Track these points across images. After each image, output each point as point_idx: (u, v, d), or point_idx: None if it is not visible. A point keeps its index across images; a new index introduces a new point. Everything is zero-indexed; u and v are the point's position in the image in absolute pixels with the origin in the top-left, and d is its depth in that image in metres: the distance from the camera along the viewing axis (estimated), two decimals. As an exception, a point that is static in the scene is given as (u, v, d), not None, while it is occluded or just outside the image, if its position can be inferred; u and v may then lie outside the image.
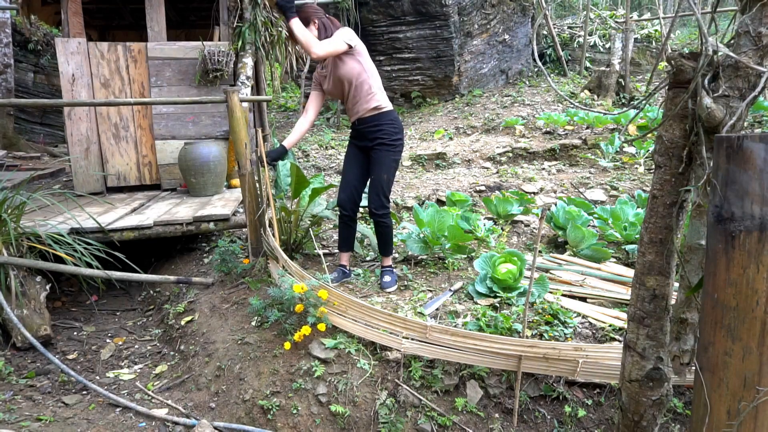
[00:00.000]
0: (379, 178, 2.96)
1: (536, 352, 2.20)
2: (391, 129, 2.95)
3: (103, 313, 3.78)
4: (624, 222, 3.69)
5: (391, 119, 2.97)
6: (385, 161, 2.95)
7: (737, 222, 1.12)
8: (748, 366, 1.14)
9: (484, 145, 6.89)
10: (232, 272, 3.54)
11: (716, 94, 1.33)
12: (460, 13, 9.07)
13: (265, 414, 2.38)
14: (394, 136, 2.96)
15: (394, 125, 2.97)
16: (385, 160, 2.95)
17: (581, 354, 2.18)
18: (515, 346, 2.22)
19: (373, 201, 2.98)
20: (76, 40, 4.86)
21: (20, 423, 2.37)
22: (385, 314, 2.42)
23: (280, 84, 13.74)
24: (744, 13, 1.32)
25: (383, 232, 3.09)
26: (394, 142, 2.97)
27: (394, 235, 3.89)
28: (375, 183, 2.97)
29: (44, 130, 9.72)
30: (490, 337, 2.25)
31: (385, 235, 3.10)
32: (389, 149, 2.95)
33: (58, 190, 4.03)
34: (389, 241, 3.14)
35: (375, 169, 2.97)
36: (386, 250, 3.15)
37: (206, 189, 4.79)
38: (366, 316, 2.48)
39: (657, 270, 1.54)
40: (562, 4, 15.20)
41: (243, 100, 3.96)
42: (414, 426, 2.28)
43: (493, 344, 2.23)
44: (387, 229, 3.09)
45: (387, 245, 3.14)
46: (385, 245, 3.14)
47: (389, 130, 2.95)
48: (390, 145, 2.95)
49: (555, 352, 2.18)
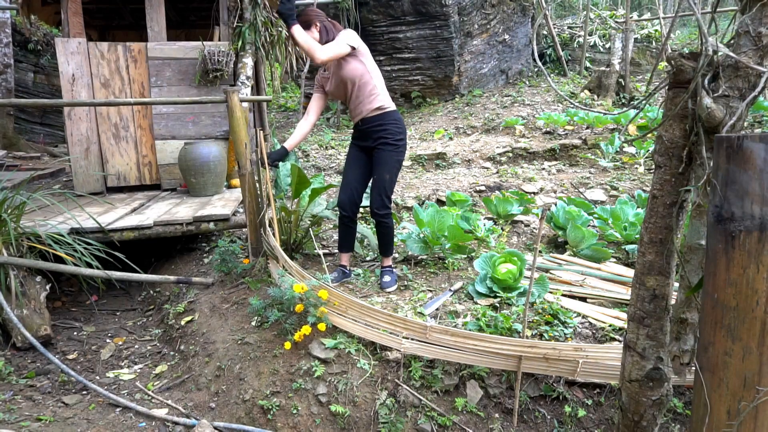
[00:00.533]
0: (382, 177, 2.94)
1: (536, 352, 2.20)
2: (395, 129, 2.95)
3: (103, 313, 3.78)
4: (624, 222, 3.69)
5: (395, 119, 2.96)
6: (388, 161, 2.94)
7: (737, 222, 1.12)
8: (748, 366, 1.14)
9: (484, 145, 6.89)
10: (232, 272, 3.54)
11: (716, 94, 1.33)
12: (460, 13, 9.07)
13: (265, 414, 2.38)
14: (398, 136, 2.95)
15: (397, 125, 2.96)
16: (388, 159, 2.94)
17: (581, 354, 2.18)
18: (515, 347, 2.22)
19: (374, 201, 2.97)
20: (76, 40, 4.86)
21: (20, 423, 2.37)
22: (385, 314, 2.42)
23: (280, 84, 13.75)
24: (744, 13, 1.31)
25: (384, 232, 3.08)
26: (398, 142, 2.96)
27: (394, 235, 3.90)
28: (377, 183, 2.96)
29: (44, 130, 9.73)
30: (490, 337, 2.25)
31: (385, 235, 3.10)
32: (392, 149, 2.95)
33: (58, 190, 4.03)
34: (390, 242, 3.13)
35: (377, 169, 2.96)
36: (387, 250, 3.14)
37: (206, 189, 4.79)
38: (366, 316, 2.48)
39: (657, 270, 1.54)
40: (562, 4, 15.20)
41: (243, 100, 3.97)
42: (414, 426, 2.28)
43: (493, 344, 2.24)
44: (388, 230, 3.08)
45: (387, 246, 3.13)
46: (385, 245, 3.13)
47: (393, 130, 2.94)
48: (393, 145, 2.94)
49: (555, 353, 2.18)
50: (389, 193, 2.98)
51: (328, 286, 2.64)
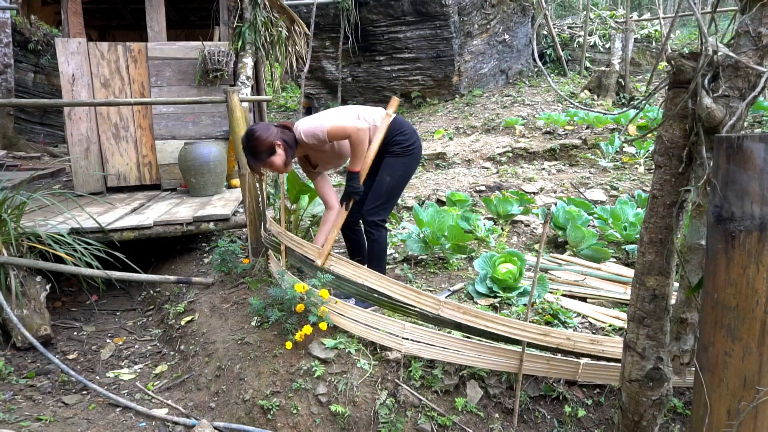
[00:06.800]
0: (381, 180, 2.70)
1: (549, 341, 2.10)
2: (401, 138, 2.71)
3: (103, 313, 3.78)
4: (624, 222, 3.69)
5: (396, 129, 2.72)
6: (391, 164, 2.71)
7: (737, 222, 1.12)
8: (748, 366, 1.14)
9: (484, 145, 6.89)
10: (232, 272, 3.53)
11: (716, 94, 1.33)
12: (460, 13, 9.07)
13: (265, 414, 2.38)
14: (404, 144, 2.71)
15: (402, 134, 2.72)
16: (392, 163, 2.71)
17: (597, 348, 2.13)
18: (526, 332, 2.12)
19: (367, 204, 2.71)
20: (76, 40, 4.86)
21: (20, 423, 2.37)
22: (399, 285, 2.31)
23: (280, 84, 13.75)
24: (744, 13, 1.31)
25: (371, 245, 2.75)
26: (405, 149, 2.72)
27: (394, 236, 3.88)
28: (374, 186, 2.72)
29: (44, 130, 9.73)
30: (502, 319, 2.15)
31: (372, 249, 2.75)
32: (399, 154, 2.72)
33: (58, 190, 4.03)
34: (377, 259, 2.75)
35: (379, 173, 2.73)
36: (376, 267, 2.71)
37: (206, 189, 4.79)
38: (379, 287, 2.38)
39: (657, 270, 1.54)
40: (562, 4, 15.20)
41: (243, 100, 3.97)
42: (414, 426, 2.28)
43: (504, 327, 2.11)
44: (375, 244, 2.74)
45: (373, 261, 2.75)
46: (371, 260, 2.76)
47: (399, 140, 2.72)
48: (401, 151, 2.72)
49: (569, 343, 2.09)
50: (387, 201, 2.70)
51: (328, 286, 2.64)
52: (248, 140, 2.61)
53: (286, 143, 2.62)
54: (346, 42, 9.44)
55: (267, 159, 2.60)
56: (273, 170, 2.69)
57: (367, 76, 10.05)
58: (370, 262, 2.78)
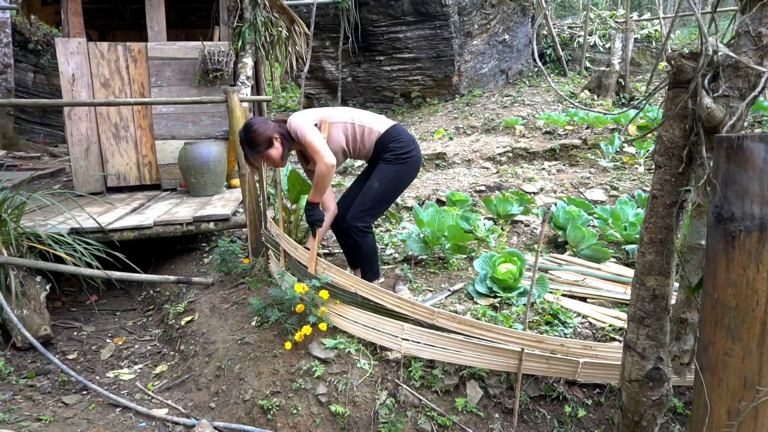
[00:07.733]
0: (370, 186, 2.67)
1: (543, 347, 2.14)
2: (396, 145, 2.70)
3: (103, 313, 3.78)
4: (624, 222, 3.69)
5: (394, 137, 2.73)
6: (383, 171, 2.68)
7: (737, 222, 1.12)
8: (748, 366, 1.14)
9: (484, 145, 6.89)
10: (232, 272, 3.53)
11: (716, 94, 1.33)
12: (460, 13, 9.07)
13: (265, 414, 2.38)
14: (399, 151, 2.69)
15: (399, 142, 2.71)
16: (384, 170, 2.68)
17: (589, 353, 2.16)
18: (521, 340, 2.16)
19: (352, 209, 2.69)
20: (76, 40, 4.86)
21: (20, 423, 2.37)
22: (392, 296, 2.36)
23: (280, 84, 13.74)
24: (744, 13, 1.31)
25: (351, 244, 2.76)
26: (400, 156, 2.69)
27: (393, 236, 3.88)
28: (363, 191, 2.70)
29: (44, 130, 9.73)
30: (496, 327, 2.19)
31: (356, 253, 2.76)
32: (393, 162, 2.69)
33: (58, 190, 4.03)
34: (365, 262, 2.77)
35: (370, 180, 2.70)
36: (368, 270, 2.77)
37: (206, 189, 4.79)
38: (373, 297, 2.41)
39: (657, 270, 1.54)
40: (562, 4, 15.20)
41: (243, 100, 3.97)
42: (414, 426, 2.28)
43: (499, 336, 2.16)
44: (359, 248, 2.74)
45: (365, 266, 2.77)
46: (362, 265, 2.77)
47: (393, 147, 2.70)
48: (395, 159, 2.69)
49: (563, 349, 2.15)
50: (372, 209, 2.68)
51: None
52: (246, 132, 2.64)
53: (283, 137, 2.66)
54: (346, 42, 9.44)
55: (264, 151, 2.63)
56: (270, 163, 2.72)
57: (367, 76, 10.05)
58: (361, 266, 2.83)
